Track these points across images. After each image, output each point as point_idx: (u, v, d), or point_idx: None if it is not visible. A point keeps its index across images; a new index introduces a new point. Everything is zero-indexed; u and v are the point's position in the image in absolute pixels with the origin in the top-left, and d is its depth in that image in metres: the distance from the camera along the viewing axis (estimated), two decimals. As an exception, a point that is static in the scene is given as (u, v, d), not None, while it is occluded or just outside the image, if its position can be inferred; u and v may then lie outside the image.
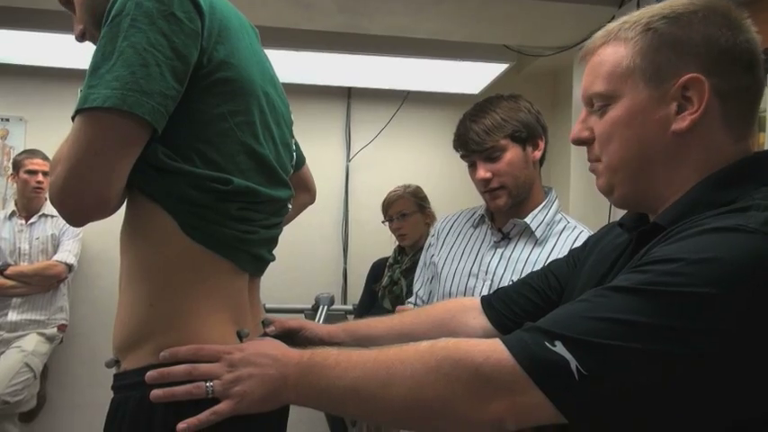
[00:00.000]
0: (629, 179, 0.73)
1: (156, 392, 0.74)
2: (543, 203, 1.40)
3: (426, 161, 3.23)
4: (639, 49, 0.70)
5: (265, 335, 0.93)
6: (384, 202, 2.63)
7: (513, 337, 0.63)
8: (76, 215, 0.75)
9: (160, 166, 0.76)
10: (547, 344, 0.59)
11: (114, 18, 0.72)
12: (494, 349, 0.63)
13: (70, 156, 0.71)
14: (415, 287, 1.62)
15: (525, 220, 1.37)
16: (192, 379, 0.74)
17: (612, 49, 0.72)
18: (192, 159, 0.77)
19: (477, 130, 1.35)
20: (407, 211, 2.53)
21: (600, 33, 0.76)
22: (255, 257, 0.87)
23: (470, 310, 1.02)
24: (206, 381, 0.74)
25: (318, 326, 1.04)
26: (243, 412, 0.74)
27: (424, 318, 1.05)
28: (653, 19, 0.70)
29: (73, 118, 0.73)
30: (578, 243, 1.33)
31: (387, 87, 3.12)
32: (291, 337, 0.99)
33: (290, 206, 0.94)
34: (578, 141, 0.77)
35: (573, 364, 0.57)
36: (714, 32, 0.68)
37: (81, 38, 0.90)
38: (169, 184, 0.76)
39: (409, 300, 1.67)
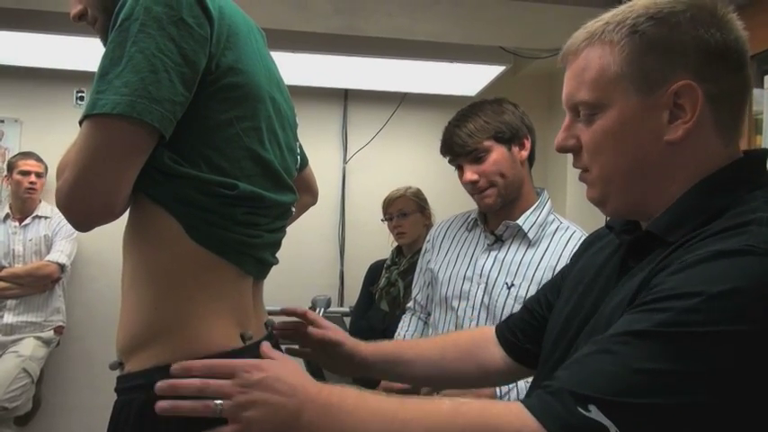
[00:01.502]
0: (623, 190, 0.70)
1: (161, 404, 0.70)
2: (535, 205, 1.41)
3: (423, 163, 3.23)
4: (627, 54, 0.66)
5: (271, 338, 0.93)
6: (385, 200, 2.64)
7: (541, 405, 0.57)
8: (83, 220, 0.75)
9: (166, 171, 0.76)
10: (580, 409, 0.54)
11: (123, 22, 0.71)
12: (524, 421, 0.57)
13: (77, 162, 0.71)
14: (414, 292, 1.64)
15: (518, 221, 1.39)
16: (203, 396, 0.70)
17: (597, 53, 0.68)
18: (199, 164, 0.77)
19: (460, 134, 1.38)
20: (408, 210, 2.54)
21: (580, 34, 0.71)
22: (260, 261, 0.87)
23: (491, 340, 1.01)
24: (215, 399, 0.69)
25: (354, 343, 1.01)
26: None
27: (452, 346, 1.04)
28: (639, 20, 0.66)
29: (80, 123, 0.72)
30: (571, 244, 1.35)
31: (383, 89, 3.13)
32: (326, 349, 0.99)
33: (293, 210, 0.95)
34: (563, 150, 0.74)
35: (612, 429, 0.52)
36: (703, 34, 0.65)
37: (78, 18, 0.87)
38: (175, 188, 0.76)
39: (408, 304, 1.68)
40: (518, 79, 3.13)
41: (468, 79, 2.91)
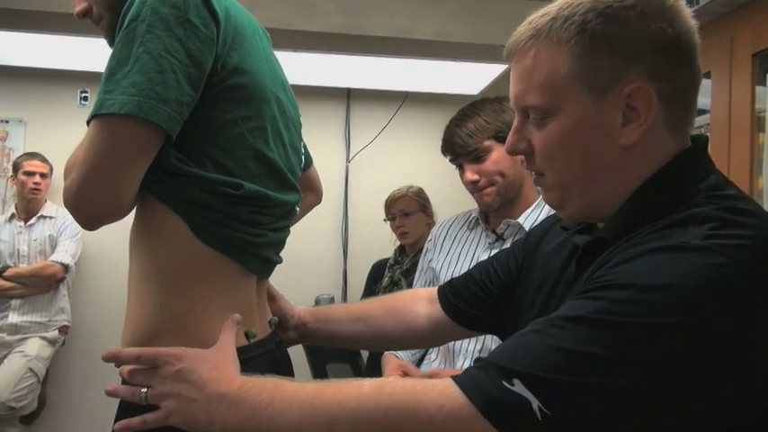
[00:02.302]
0: (579, 195, 0.69)
1: (106, 388, 0.76)
2: (536, 203, 1.41)
3: (426, 162, 3.24)
4: (578, 55, 0.63)
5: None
6: (387, 200, 2.64)
7: (468, 379, 0.58)
8: (91, 219, 0.75)
9: (172, 170, 0.76)
10: (505, 383, 0.55)
11: (130, 23, 0.72)
12: (448, 395, 0.57)
13: (85, 161, 0.72)
14: None
15: (518, 220, 1.39)
16: (133, 383, 0.75)
17: (546, 54, 0.65)
18: (204, 164, 0.77)
19: (460, 134, 1.38)
20: (410, 209, 2.54)
21: (525, 30, 0.68)
22: (263, 260, 0.88)
23: (420, 300, 1.03)
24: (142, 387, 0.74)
25: (292, 305, 1.05)
26: (174, 425, 0.72)
27: (379, 304, 1.07)
28: (588, 17, 0.63)
29: (88, 122, 0.73)
30: None
31: (386, 88, 3.13)
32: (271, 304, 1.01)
33: (297, 209, 0.95)
34: (515, 152, 0.72)
35: (534, 403, 0.53)
36: (654, 30, 0.62)
37: (83, 15, 0.88)
38: (181, 187, 0.77)
39: None
40: (521, 78, 3.13)
41: (471, 78, 2.91)
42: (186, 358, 0.73)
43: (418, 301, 1.03)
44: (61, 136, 3.04)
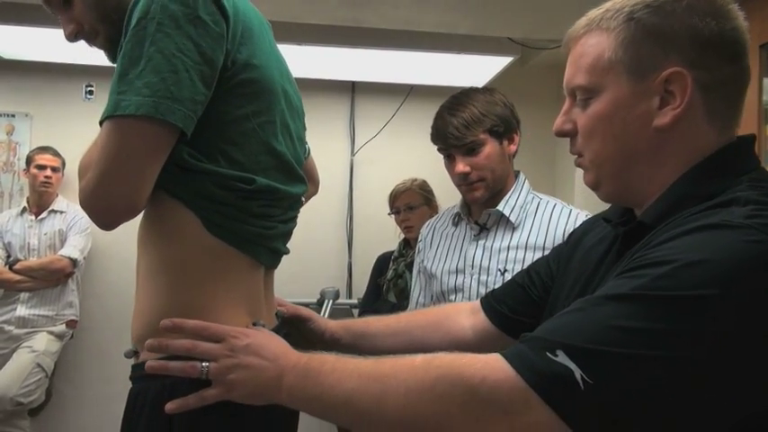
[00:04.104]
0: (614, 175, 0.72)
1: (151, 363, 0.76)
2: (512, 189, 1.42)
3: (431, 155, 3.20)
4: (622, 40, 0.68)
5: (277, 315, 0.96)
6: (391, 193, 2.64)
7: (513, 351, 0.61)
8: (107, 219, 0.76)
9: (185, 166, 0.77)
10: (548, 354, 0.57)
11: (140, 21, 0.72)
12: (492, 367, 0.60)
13: (101, 161, 0.72)
14: (413, 294, 1.62)
15: (498, 207, 1.40)
16: (191, 356, 0.75)
17: (595, 40, 0.71)
18: (217, 159, 0.78)
19: (456, 123, 1.36)
20: (414, 203, 2.54)
21: (582, 21, 0.74)
22: (273, 251, 0.89)
23: (462, 311, 1.03)
24: (202, 361, 0.74)
25: (324, 320, 1.05)
26: (232, 400, 0.75)
27: (420, 317, 1.07)
28: (636, 8, 0.68)
29: (101, 122, 0.73)
30: (555, 216, 1.37)
31: (391, 81, 3.12)
32: (298, 325, 1.01)
33: (303, 200, 0.96)
34: (561, 133, 0.76)
35: (577, 373, 0.55)
36: (698, 22, 0.66)
37: (74, 38, 0.88)
38: (194, 183, 0.78)
39: (409, 310, 1.67)
40: (526, 70, 3.12)
41: (476, 71, 2.89)
42: (253, 335, 0.77)
43: (460, 313, 1.03)
44: (67, 130, 3.05)
